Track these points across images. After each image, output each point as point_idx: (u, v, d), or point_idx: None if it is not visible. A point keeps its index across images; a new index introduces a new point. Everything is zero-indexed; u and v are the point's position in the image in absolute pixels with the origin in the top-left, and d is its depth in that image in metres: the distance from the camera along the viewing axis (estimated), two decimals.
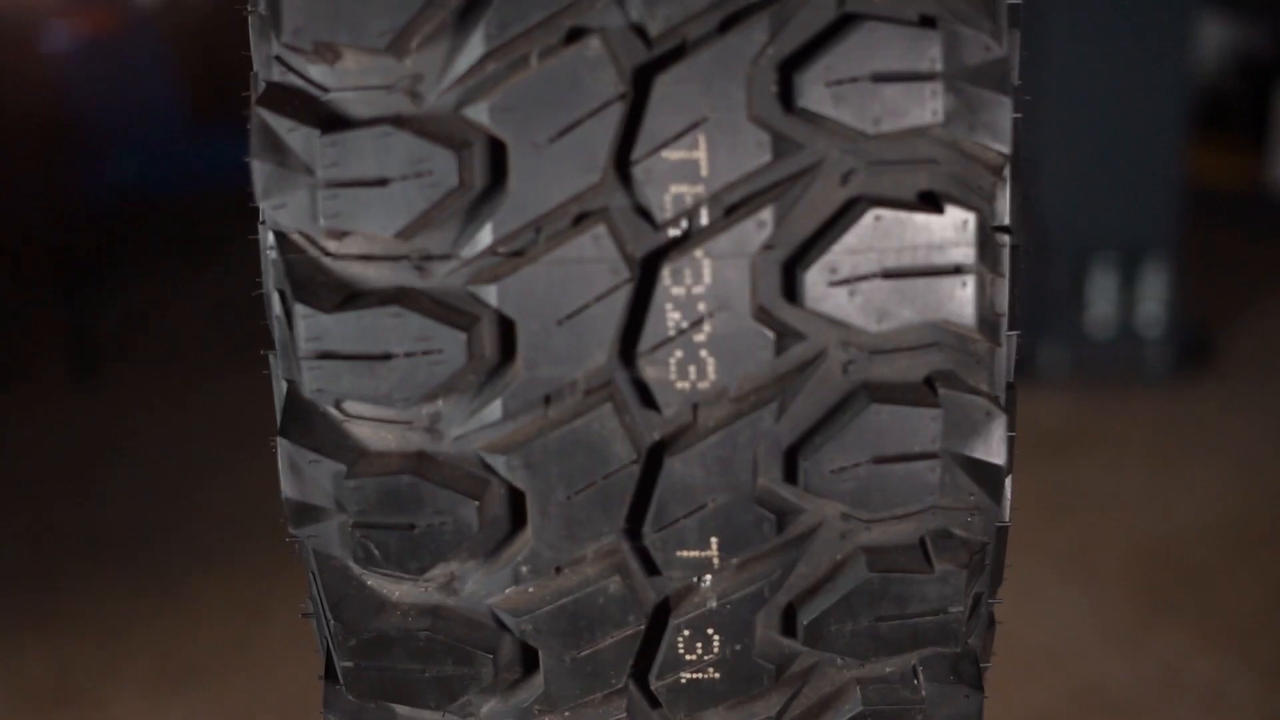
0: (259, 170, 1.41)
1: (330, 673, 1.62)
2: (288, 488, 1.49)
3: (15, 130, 7.72)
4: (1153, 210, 6.42)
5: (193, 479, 6.45)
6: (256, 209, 1.45)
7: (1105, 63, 6.14)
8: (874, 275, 1.40)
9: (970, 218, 1.41)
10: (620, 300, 1.40)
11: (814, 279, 1.40)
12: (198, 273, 8.41)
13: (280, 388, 1.52)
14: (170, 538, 6.03)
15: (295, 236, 1.43)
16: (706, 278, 1.40)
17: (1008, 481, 1.54)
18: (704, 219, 1.40)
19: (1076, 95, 6.19)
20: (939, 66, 1.38)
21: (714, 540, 1.48)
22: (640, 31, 1.38)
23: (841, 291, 1.40)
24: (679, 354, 1.42)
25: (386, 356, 1.42)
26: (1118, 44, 6.11)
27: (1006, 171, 1.44)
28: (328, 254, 1.43)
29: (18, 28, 7.68)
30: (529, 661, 1.56)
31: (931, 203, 1.41)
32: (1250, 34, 9.53)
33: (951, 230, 1.41)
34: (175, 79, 8.20)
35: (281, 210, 1.42)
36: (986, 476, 1.49)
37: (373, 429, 1.47)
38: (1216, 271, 8.01)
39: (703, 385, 1.43)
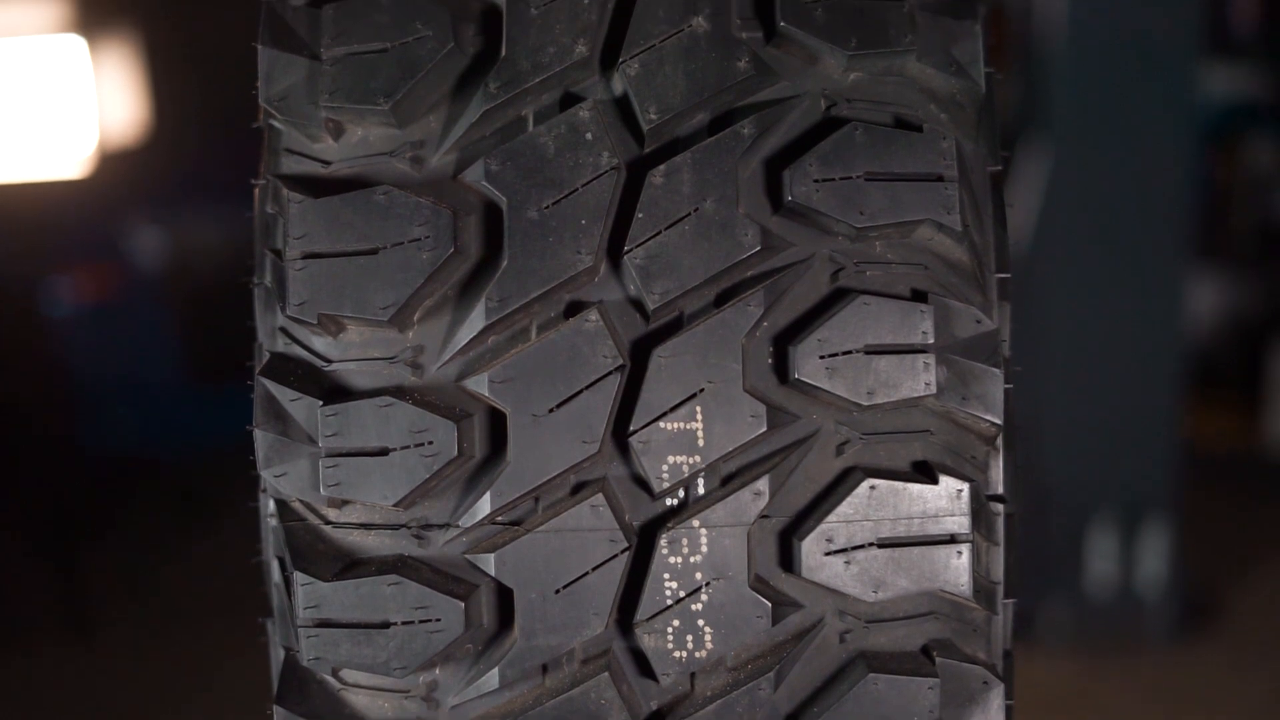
0: (261, 439, 1.43)
1: None
2: None
3: (16, 392, 7.78)
4: (1151, 469, 6.43)
5: None
6: (257, 476, 1.47)
7: (1100, 323, 6.20)
8: (870, 545, 1.42)
9: (964, 488, 1.43)
10: (618, 569, 1.41)
11: (810, 548, 1.41)
12: (195, 536, 8.40)
13: (277, 655, 1.52)
14: None
15: (296, 504, 1.45)
16: (703, 547, 1.41)
17: None
18: (701, 489, 1.42)
19: (1073, 355, 6.24)
20: (931, 340, 1.41)
21: None
22: (638, 305, 1.41)
23: (838, 561, 1.41)
24: (676, 623, 1.42)
25: (385, 625, 1.42)
26: (1112, 304, 6.18)
27: (999, 441, 1.46)
28: (328, 522, 1.44)
29: (20, 291, 7.80)
30: None
31: (926, 473, 1.43)
32: (1242, 294, 9.66)
33: (946, 500, 1.42)
34: (176, 342, 8.29)
35: (283, 478, 1.44)
36: None
37: (369, 698, 1.47)
38: (1216, 531, 7.99)
39: (700, 654, 1.43)
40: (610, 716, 1.44)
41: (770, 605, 1.42)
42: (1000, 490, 1.46)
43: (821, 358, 1.40)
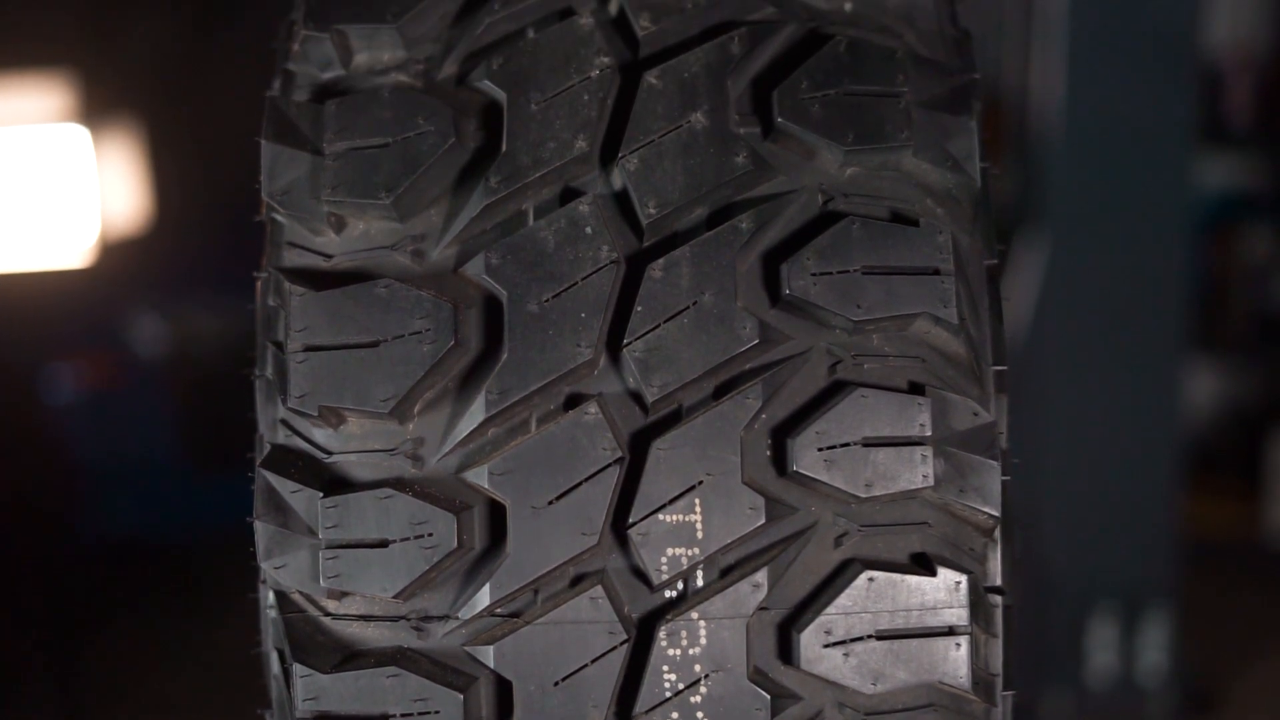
0: (262, 531, 1.44)
1: None
2: None
3: (16, 480, 7.77)
4: (1151, 559, 6.40)
5: None
6: (256, 567, 1.47)
7: (1098, 413, 6.20)
8: (868, 637, 1.42)
9: (962, 580, 1.43)
10: (617, 662, 1.41)
11: (809, 640, 1.41)
12: (194, 627, 8.36)
13: None
14: None
15: (295, 596, 1.45)
16: (702, 639, 1.41)
17: None
18: (700, 581, 1.42)
19: (1071, 446, 6.24)
20: (928, 432, 1.42)
21: None
22: (637, 398, 1.42)
23: (836, 653, 1.41)
24: (675, 715, 1.42)
25: (384, 717, 1.42)
26: (1110, 395, 6.18)
27: (997, 533, 1.46)
28: (327, 614, 1.44)
29: (21, 379, 7.79)
30: None
31: (924, 565, 1.43)
32: (1240, 382, 9.66)
33: (944, 592, 1.43)
34: (176, 432, 8.28)
35: (283, 570, 1.44)
36: None
37: None
38: (1217, 620, 7.96)
39: None
40: None
41: (769, 697, 1.42)
42: (998, 582, 1.47)
43: (820, 450, 1.40)
